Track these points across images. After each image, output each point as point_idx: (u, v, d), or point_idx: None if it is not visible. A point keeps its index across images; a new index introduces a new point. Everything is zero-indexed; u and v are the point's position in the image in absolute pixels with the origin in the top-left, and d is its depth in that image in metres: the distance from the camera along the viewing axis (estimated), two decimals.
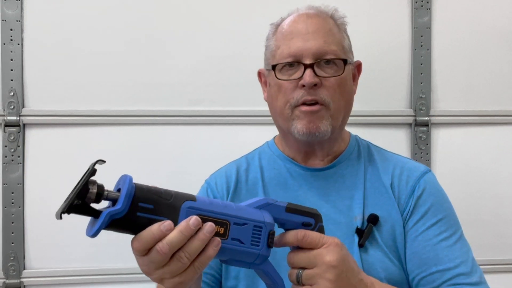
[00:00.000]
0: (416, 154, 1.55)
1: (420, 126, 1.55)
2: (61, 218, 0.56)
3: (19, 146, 1.44)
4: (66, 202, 0.57)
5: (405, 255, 0.93)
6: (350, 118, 1.03)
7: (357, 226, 0.94)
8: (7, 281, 1.43)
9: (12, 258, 1.43)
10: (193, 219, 0.61)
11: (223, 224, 0.65)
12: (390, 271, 0.92)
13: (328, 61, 0.93)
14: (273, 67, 0.97)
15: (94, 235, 0.58)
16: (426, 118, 1.55)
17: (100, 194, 0.59)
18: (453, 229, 0.94)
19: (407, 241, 0.94)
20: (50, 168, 1.46)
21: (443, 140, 1.57)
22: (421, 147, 1.55)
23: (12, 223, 1.44)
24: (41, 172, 1.46)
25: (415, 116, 1.55)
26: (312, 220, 0.74)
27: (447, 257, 0.90)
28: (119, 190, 0.61)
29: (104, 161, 0.60)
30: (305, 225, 0.73)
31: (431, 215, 0.94)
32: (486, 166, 1.57)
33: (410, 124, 1.56)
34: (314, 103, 0.93)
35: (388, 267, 0.92)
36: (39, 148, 1.46)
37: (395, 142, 1.55)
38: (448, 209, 0.97)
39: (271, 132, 1.08)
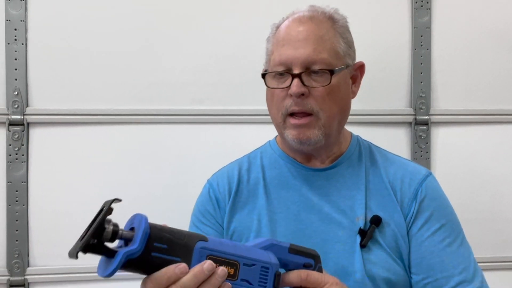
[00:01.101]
0: (416, 152, 1.56)
1: (420, 125, 1.56)
2: (77, 257, 0.55)
3: (23, 145, 1.45)
4: (82, 241, 0.56)
5: (408, 257, 0.95)
6: (350, 117, 1.03)
7: (360, 227, 0.94)
8: (11, 278, 1.44)
9: (16, 255, 1.45)
10: (207, 264, 0.62)
11: (233, 265, 0.65)
12: (393, 270, 0.93)
13: (316, 71, 0.92)
14: (263, 75, 0.97)
15: (109, 275, 0.58)
16: (426, 117, 1.56)
17: (115, 233, 0.58)
18: (455, 233, 0.95)
19: (412, 246, 0.95)
20: (54, 167, 1.47)
21: (443, 139, 1.58)
22: (421, 146, 1.56)
23: (16, 221, 1.45)
24: (45, 170, 1.47)
25: (415, 115, 1.56)
26: (312, 261, 0.75)
27: (451, 263, 0.92)
28: (131, 229, 0.61)
29: (120, 200, 0.60)
30: (306, 266, 0.74)
31: (435, 220, 0.95)
32: (486, 165, 1.58)
33: (410, 123, 1.57)
34: (303, 114, 0.93)
35: (391, 266, 0.93)
36: (43, 146, 1.47)
37: (395, 140, 1.56)
38: (450, 214, 0.98)
39: (273, 131, 1.09)
